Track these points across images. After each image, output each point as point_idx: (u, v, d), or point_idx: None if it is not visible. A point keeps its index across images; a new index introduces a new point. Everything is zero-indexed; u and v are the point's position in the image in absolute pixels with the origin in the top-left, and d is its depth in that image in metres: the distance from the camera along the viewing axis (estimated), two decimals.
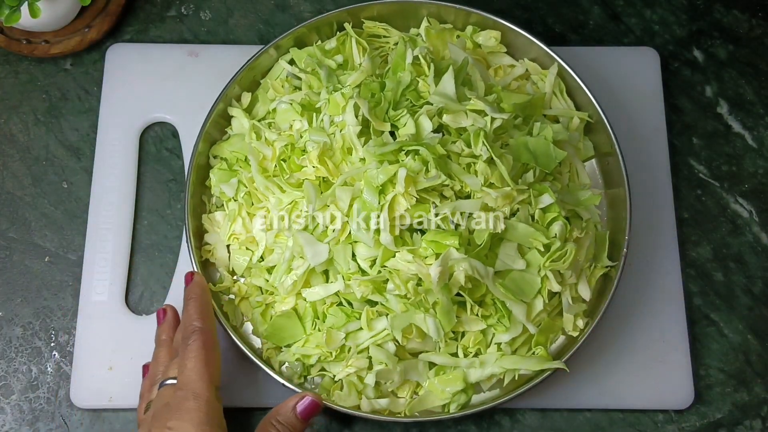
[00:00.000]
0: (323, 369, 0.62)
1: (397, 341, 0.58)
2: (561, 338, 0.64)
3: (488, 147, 0.58)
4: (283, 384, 0.60)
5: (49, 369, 0.66)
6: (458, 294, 0.58)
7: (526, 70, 0.71)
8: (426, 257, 0.57)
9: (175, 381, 0.55)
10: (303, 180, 0.61)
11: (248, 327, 0.65)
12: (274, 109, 0.67)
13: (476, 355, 0.61)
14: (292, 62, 0.70)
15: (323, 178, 0.61)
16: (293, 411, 0.56)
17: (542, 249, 0.60)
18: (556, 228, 0.60)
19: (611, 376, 0.65)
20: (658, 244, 0.69)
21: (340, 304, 0.61)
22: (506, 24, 0.69)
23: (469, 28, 0.71)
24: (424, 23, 0.70)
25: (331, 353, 0.60)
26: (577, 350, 0.60)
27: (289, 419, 0.56)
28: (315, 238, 0.59)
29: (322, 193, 0.60)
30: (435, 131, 0.60)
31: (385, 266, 0.58)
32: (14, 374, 0.66)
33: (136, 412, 0.60)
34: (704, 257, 0.70)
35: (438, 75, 0.62)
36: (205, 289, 0.61)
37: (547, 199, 0.61)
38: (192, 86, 0.73)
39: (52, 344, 0.67)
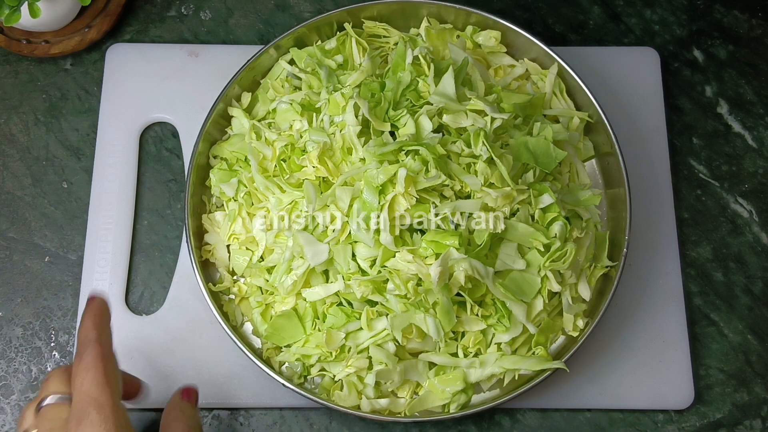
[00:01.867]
0: (323, 369, 0.62)
1: (397, 341, 0.58)
2: (561, 338, 0.64)
3: (488, 147, 0.58)
4: (283, 384, 0.60)
5: (49, 369, 0.66)
6: (458, 294, 0.58)
7: (526, 70, 0.71)
8: (426, 257, 0.57)
9: (57, 396, 0.49)
10: (303, 180, 0.61)
11: (248, 327, 0.65)
12: (274, 109, 0.67)
13: (476, 355, 0.61)
14: (292, 62, 0.70)
15: (323, 178, 0.61)
16: (184, 402, 0.54)
17: (542, 249, 0.60)
18: (556, 228, 0.60)
19: (611, 376, 0.65)
20: (658, 244, 0.69)
21: (340, 304, 0.61)
22: (506, 24, 0.69)
23: (469, 28, 0.71)
24: (424, 23, 0.70)
25: (331, 353, 0.60)
26: (577, 350, 0.60)
27: (185, 411, 0.53)
28: (315, 238, 0.59)
29: (322, 193, 0.60)
30: (435, 131, 0.60)
31: (385, 266, 0.58)
32: (14, 374, 0.66)
33: None
34: (704, 257, 0.70)
35: (438, 75, 0.62)
36: (102, 304, 0.53)
37: (547, 199, 0.61)
38: (192, 86, 0.73)
39: (52, 344, 0.67)
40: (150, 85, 0.73)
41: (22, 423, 0.50)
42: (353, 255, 0.59)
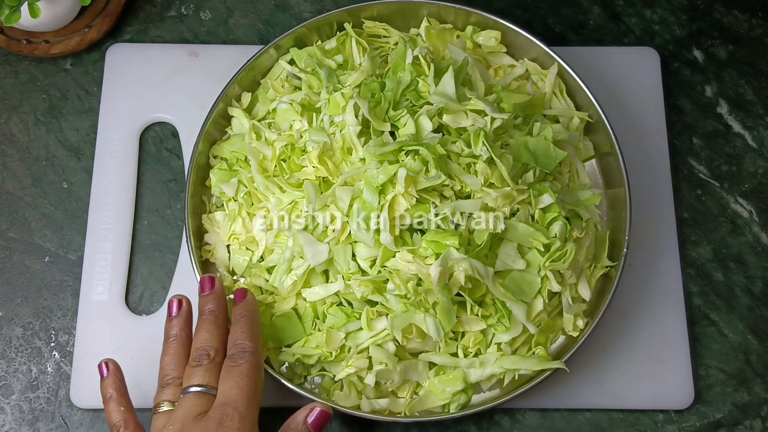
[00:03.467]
0: (323, 369, 0.62)
1: (397, 341, 0.58)
2: (561, 338, 0.64)
3: (488, 147, 0.58)
4: (283, 384, 0.60)
5: (49, 369, 0.67)
6: (458, 294, 0.58)
7: (526, 70, 0.71)
8: (426, 257, 0.57)
9: (201, 388, 0.54)
10: (303, 180, 0.61)
11: None
12: (274, 109, 0.67)
13: (476, 355, 0.61)
14: (292, 62, 0.70)
15: (323, 178, 0.61)
16: (304, 425, 0.55)
17: (542, 249, 0.60)
18: (556, 228, 0.60)
19: (611, 376, 0.65)
20: (658, 244, 0.69)
21: (340, 304, 0.61)
22: (506, 24, 0.69)
23: (469, 28, 0.71)
24: (424, 23, 0.70)
25: (331, 353, 0.60)
26: (577, 350, 0.60)
27: None
28: (315, 238, 0.59)
29: (322, 193, 0.60)
30: (435, 131, 0.60)
31: (385, 266, 0.58)
32: (14, 374, 0.66)
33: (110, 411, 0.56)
34: (704, 257, 0.70)
35: (438, 75, 0.62)
36: (256, 308, 0.59)
37: (547, 199, 0.61)
38: (192, 86, 0.73)
39: (52, 344, 0.67)
40: (150, 85, 0.73)
41: (161, 394, 0.55)
42: (353, 255, 0.59)
